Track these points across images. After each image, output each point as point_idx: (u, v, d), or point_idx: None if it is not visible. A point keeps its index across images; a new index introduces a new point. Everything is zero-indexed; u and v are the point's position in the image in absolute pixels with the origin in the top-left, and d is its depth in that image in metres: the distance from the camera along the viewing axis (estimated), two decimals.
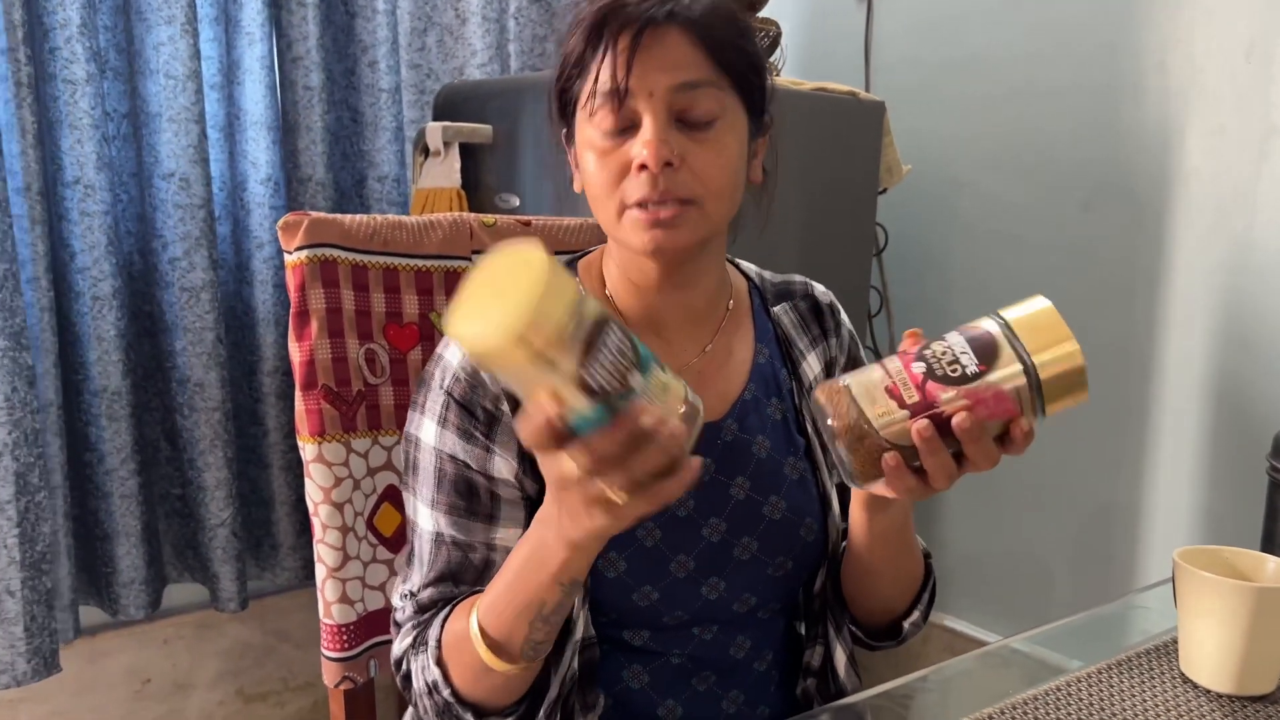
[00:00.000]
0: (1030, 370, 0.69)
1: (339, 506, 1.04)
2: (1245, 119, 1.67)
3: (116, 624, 1.74)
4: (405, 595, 0.87)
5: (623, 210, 0.82)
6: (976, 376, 0.69)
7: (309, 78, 1.75)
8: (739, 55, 0.83)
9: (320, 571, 1.04)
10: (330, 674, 1.05)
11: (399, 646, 0.86)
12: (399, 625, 0.87)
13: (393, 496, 1.09)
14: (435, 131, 1.70)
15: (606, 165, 0.82)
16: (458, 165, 1.71)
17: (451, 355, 0.86)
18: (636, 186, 0.80)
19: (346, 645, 1.05)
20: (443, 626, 0.82)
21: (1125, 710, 0.80)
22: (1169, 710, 0.80)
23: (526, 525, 0.85)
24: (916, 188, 2.10)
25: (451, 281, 1.13)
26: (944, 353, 0.71)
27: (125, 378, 1.63)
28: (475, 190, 1.75)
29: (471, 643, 0.77)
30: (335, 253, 1.05)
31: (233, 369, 1.79)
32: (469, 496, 0.84)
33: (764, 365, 0.95)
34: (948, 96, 2.09)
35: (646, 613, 0.87)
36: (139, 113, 1.63)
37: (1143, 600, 1.08)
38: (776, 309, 0.98)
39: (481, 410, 0.83)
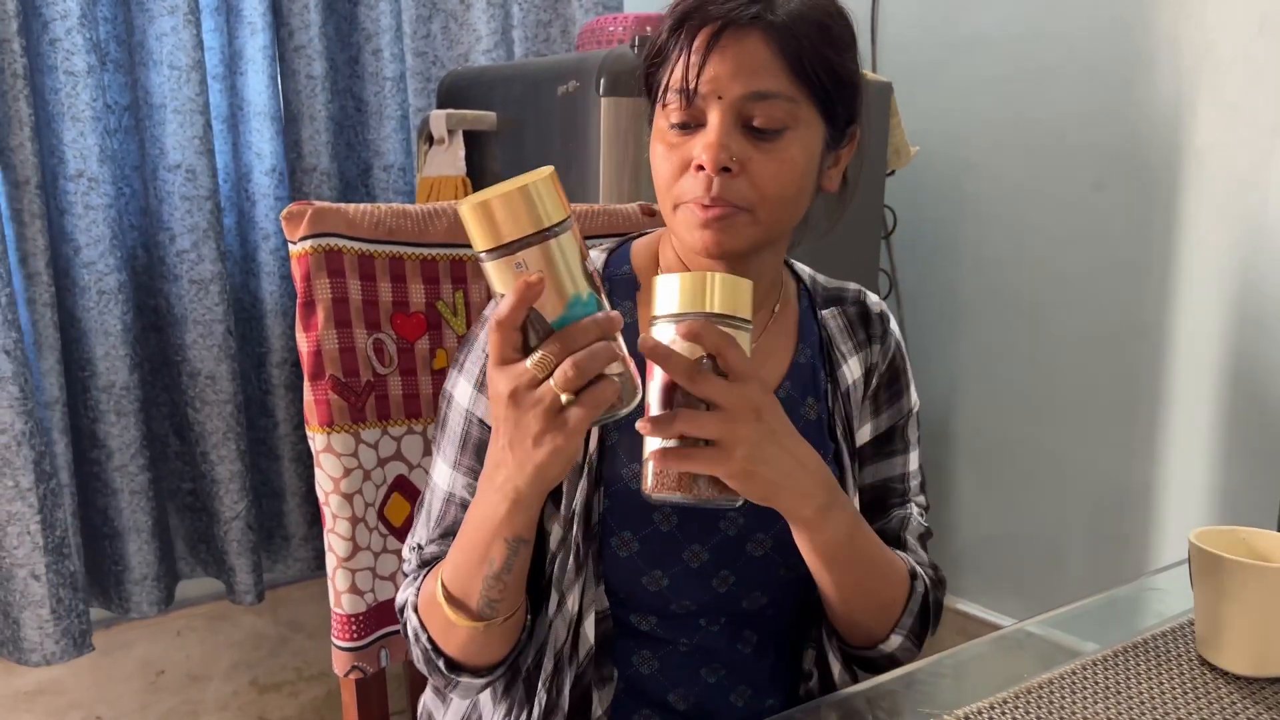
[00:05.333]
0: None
1: (349, 497, 1.04)
2: (1258, 94, 1.65)
3: (129, 616, 1.74)
4: (413, 548, 0.90)
5: (677, 206, 0.83)
6: None
7: (312, 66, 1.74)
8: (821, 66, 0.80)
9: (331, 561, 1.05)
10: (340, 663, 1.06)
11: (401, 596, 0.89)
12: (405, 575, 0.90)
13: (402, 487, 1.09)
14: (439, 119, 1.69)
15: (669, 159, 0.82)
16: (462, 153, 1.70)
17: None
18: (691, 186, 0.81)
19: (356, 635, 1.05)
20: (424, 581, 0.85)
21: (1142, 693, 0.79)
22: (1187, 693, 0.79)
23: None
24: (925, 169, 2.08)
25: (457, 270, 1.12)
26: None
27: (133, 372, 1.63)
28: (480, 178, 1.74)
29: (439, 601, 0.80)
30: (340, 242, 1.04)
31: (242, 361, 1.79)
32: None
33: (804, 365, 0.93)
34: (955, 76, 2.07)
35: (655, 598, 0.87)
36: (142, 104, 1.62)
37: (1158, 582, 1.07)
38: (825, 312, 0.96)
39: None
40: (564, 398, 0.66)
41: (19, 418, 1.48)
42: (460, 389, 0.88)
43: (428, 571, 0.87)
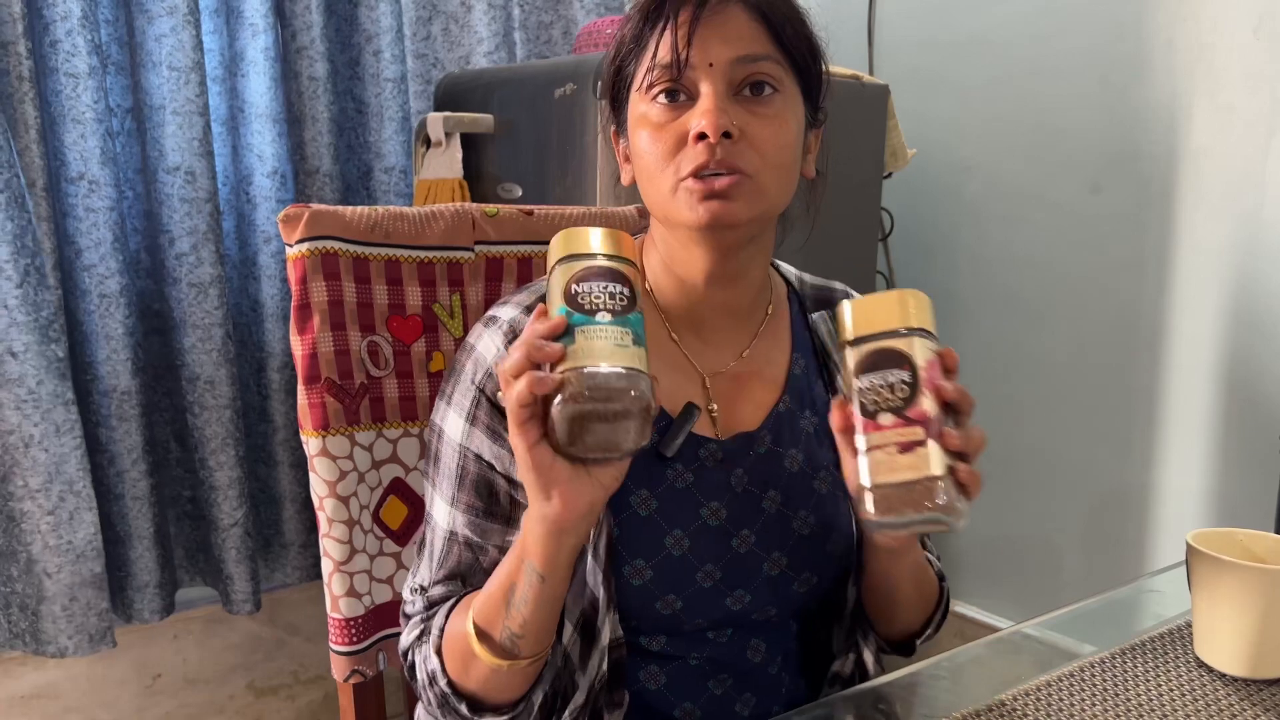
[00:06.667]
0: (914, 330, 0.76)
1: (344, 500, 1.03)
2: (1254, 96, 1.65)
3: (132, 623, 1.74)
4: (415, 589, 0.87)
5: (677, 185, 0.80)
6: (913, 372, 0.74)
7: (313, 68, 1.74)
8: (799, 37, 0.82)
9: (327, 566, 1.04)
10: (339, 668, 1.05)
11: (406, 639, 0.86)
12: (408, 618, 0.88)
13: (398, 489, 1.09)
14: (436, 122, 1.69)
15: (661, 138, 0.80)
16: (459, 155, 1.70)
17: (484, 347, 0.84)
18: (692, 156, 0.79)
19: (355, 639, 1.05)
20: (447, 618, 0.82)
21: (1140, 695, 0.79)
22: (1184, 694, 0.79)
23: None
24: (922, 172, 2.08)
25: (454, 272, 1.12)
26: (881, 390, 0.73)
27: (135, 377, 1.62)
28: (477, 180, 1.74)
29: (466, 631, 0.78)
30: (336, 245, 1.04)
31: (241, 366, 1.78)
32: (489, 498, 0.84)
33: (800, 376, 0.92)
34: (952, 79, 2.07)
35: (668, 620, 0.86)
36: (142, 106, 1.62)
37: (1155, 584, 1.07)
38: (815, 317, 0.95)
39: None
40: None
41: (26, 419, 1.48)
42: (450, 423, 0.85)
43: (448, 609, 0.84)
